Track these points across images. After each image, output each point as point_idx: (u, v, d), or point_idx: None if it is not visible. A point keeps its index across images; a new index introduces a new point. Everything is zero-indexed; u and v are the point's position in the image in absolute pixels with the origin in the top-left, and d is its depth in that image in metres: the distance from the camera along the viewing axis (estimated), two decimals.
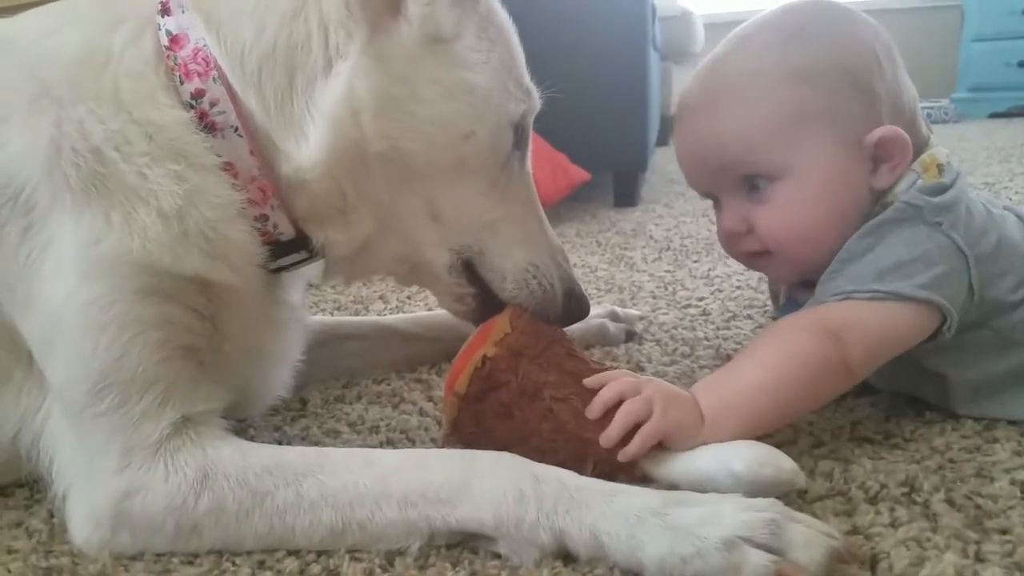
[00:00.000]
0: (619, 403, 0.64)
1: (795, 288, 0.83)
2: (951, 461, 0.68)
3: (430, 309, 1.15)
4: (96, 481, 0.59)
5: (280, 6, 0.64)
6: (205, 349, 0.64)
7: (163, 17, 0.64)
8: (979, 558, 0.54)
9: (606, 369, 0.70)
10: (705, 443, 0.63)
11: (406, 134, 0.65)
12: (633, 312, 1.12)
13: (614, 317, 1.07)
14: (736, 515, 0.52)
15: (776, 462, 0.60)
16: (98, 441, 0.59)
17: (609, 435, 0.62)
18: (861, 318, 0.69)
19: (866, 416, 0.77)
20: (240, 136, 0.63)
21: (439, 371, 0.96)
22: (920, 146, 0.76)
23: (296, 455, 0.61)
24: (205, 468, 0.58)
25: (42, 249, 0.61)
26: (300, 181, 0.65)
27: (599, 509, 0.55)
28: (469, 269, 0.74)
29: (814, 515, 0.58)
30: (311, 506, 0.57)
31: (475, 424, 0.68)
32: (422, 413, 0.84)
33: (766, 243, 0.77)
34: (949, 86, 4.83)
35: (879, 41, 0.77)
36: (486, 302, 0.74)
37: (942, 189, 0.72)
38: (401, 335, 0.98)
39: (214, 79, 0.63)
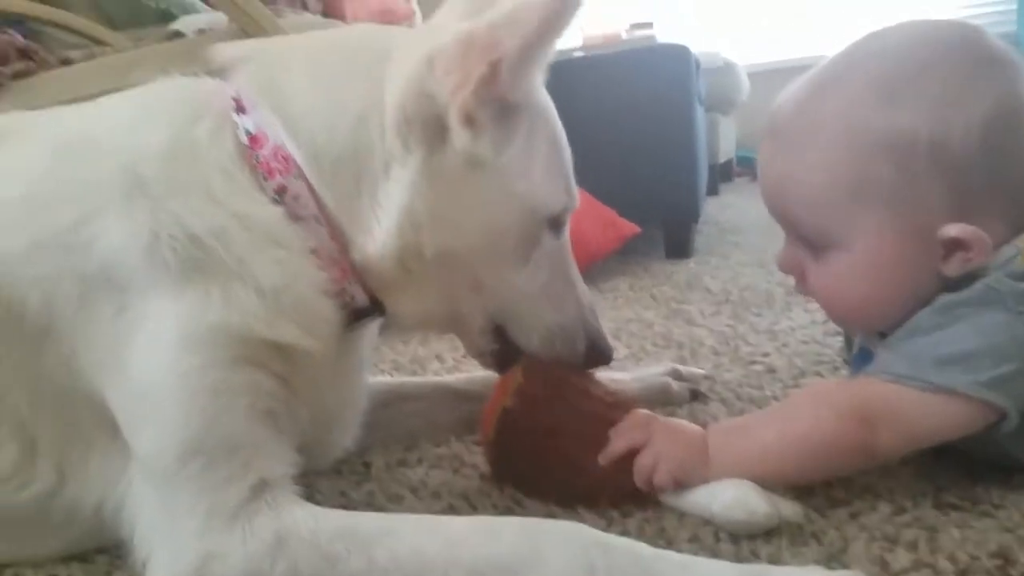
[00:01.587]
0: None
1: (869, 338, 0.79)
2: None
3: None
4: (178, 545, 0.60)
5: (349, 110, 0.70)
6: (282, 412, 0.66)
7: (239, 115, 0.69)
8: None
9: (619, 404, 0.79)
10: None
11: (453, 239, 0.72)
12: (697, 371, 1.10)
13: (676, 376, 1.05)
14: None
15: (749, 505, 0.65)
16: (182, 506, 0.60)
17: (623, 488, 0.72)
18: (903, 409, 0.66)
19: (951, 480, 0.73)
20: (321, 225, 0.68)
21: None
22: None
23: (366, 521, 0.61)
24: (281, 533, 0.59)
25: (136, 326, 0.63)
26: (369, 267, 0.70)
27: None
28: (499, 331, 0.79)
29: None
30: (382, 572, 0.57)
31: (508, 467, 0.80)
32: (482, 477, 0.83)
33: (817, 301, 0.76)
34: None
35: (997, 108, 0.67)
36: (508, 354, 0.80)
37: None
38: (459, 394, 0.98)
39: (295, 176, 0.68)
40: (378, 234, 0.70)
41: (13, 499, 0.67)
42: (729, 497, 0.68)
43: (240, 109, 0.69)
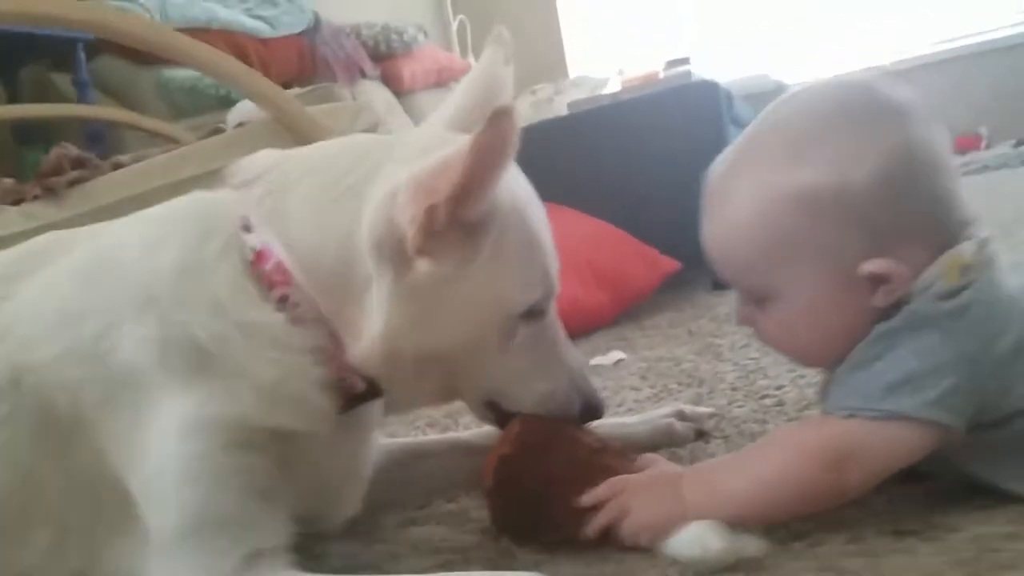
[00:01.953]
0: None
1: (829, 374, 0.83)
2: (988, 550, 0.67)
3: None
4: None
5: (335, 231, 0.78)
6: (277, 489, 0.75)
7: (246, 233, 0.79)
8: None
9: (609, 450, 0.86)
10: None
11: (432, 344, 0.79)
12: (703, 410, 1.14)
13: (681, 416, 1.10)
14: None
15: (704, 542, 0.69)
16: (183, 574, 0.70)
17: (590, 531, 0.79)
18: (865, 444, 0.70)
19: (915, 506, 0.76)
20: (320, 326, 0.78)
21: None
22: (949, 243, 0.73)
23: None
24: None
25: (150, 421, 0.74)
26: (361, 366, 0.79)
27: None
28: (493, 404, 0.87)
29: None
30: None
31: (507, 515, 0.87)
32: (483, 532, 0.90)
33: (770, 347, 0.82)
34: None
35: (892, 152, 0.72)
36: (508, 416, 0.88)
37: (955, 292, 0.70)
38: (472, 448, 1.04)
39: (295, 287, 0.77)
40: (365, 341, 0.77)
41: None
42: (686, 536, 0.73)
43: (247, 228, 0.79)
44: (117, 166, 1.50)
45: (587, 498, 0.80)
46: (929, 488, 0.79)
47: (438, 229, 0.73)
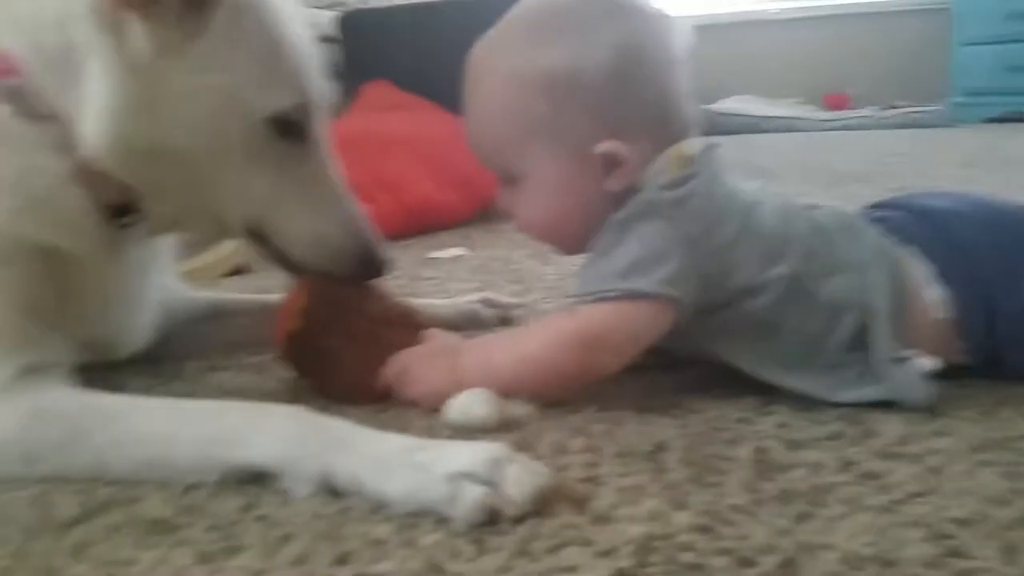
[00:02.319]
0: None
1: None
2: (715, 428, 0.77)
3: None
4: None
5: (51, 9, 0.75)
6: (50, 308, 0.77)
7: None
8: (680, 505, 0.62)
9: (394, 324, 0.89)
10: None
11: (164, 136, 0.75)
12: (509, 300, 1.22)
13: (488, 303, 1.17)
14: (463, 455, 0.63)
15: (468, 409, 0.75)
16: None
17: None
18: (610, 325, 0.79)
19: (663, 390, 0.86)
20: (56, 121, 0.74)
21: None
22: (676, 138, 0.82)
23: (114, 401, 0.73)
24: (39, 408, 0.71)
25: None
26: (96, 161, 0.75)
27: (360, 451, 0.66)
28: (259, 235, 0.84)
29: (562, 467, 0.69)
30: (123, 443, 0.69)
31: (298, 371, 0.91)
32: (280, 381, 0.95)
33: (522, 231, 0.88)
34: (944, 90, 4.87)
35: (623, 44, 0.79)
36: (283, 258, 0.86)
37: (678, 183, 0.79)
38: None
39: (26, 76, 0.74)
40: (89, 126, 0.73)
41: None
42: (456, 403, 0.79)
43: None
44: None
45: (389, 367, 0.85)
46: (684, 375, 0.89)
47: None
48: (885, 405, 0.77)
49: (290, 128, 0.79)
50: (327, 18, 2.85)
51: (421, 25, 2.53)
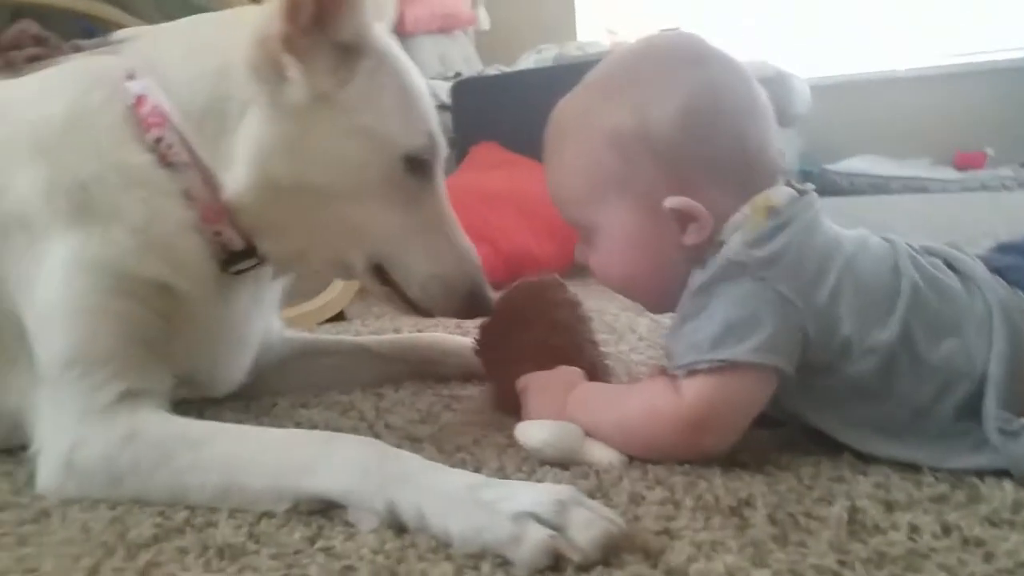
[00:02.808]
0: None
1: None
2: (807, 487, 0.72)
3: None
4: (56, 435, 0.75)
5: (208, 67, 0.83)
6: (157, 340, 0.81)
7: (128, 82, 0.84)
8: (760, 563, 0.58)
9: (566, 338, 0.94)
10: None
11: (307, 171, 0.82)
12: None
13: None
14: (530, 495, 0.61)
15: (532, 435, 0.78)
16: (63, 404, 0.76)
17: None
18: (712, 404, 0.73)
19: (757, 443, 0.81)
20: (191, 170, 0.82)
21: (398, 388, 1.09)
22: (760, 188, 0.78)
23: (200, 427, 0.76)
24: (133, 431, 0.73)
25: (40, 258, 0.79)
26: (237, 205, 0.82)
27: (424, 485, 0.65)
28: (380, 272, 0.89)
29: (637, 517, 0.65)
30: (202, 467, 0.71)
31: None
32: (361, 418, 0.96)
33: (602, 284, 0.87)
34: None
35: (695, 96, 0.77)
36: (403, 298, 0.91)
37: (766, 237, 0.74)
38: (373, 354, 1.11)
39: (168, 128, 0.81)
40: (238, 169, 0.81)
41: None
42: (532, 427, 0.80)
43: (130, 77, 0.84)
44: (76, 50, 1.52)
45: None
46: (775, 431, 0.84)
47: (305, 33, 0.78)
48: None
49: (420, 167, 0.86)
50: (444, 88, 2.98)
51: (527, 89, 2.59)
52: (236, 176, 0.81)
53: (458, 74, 3.42)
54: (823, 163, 4.74)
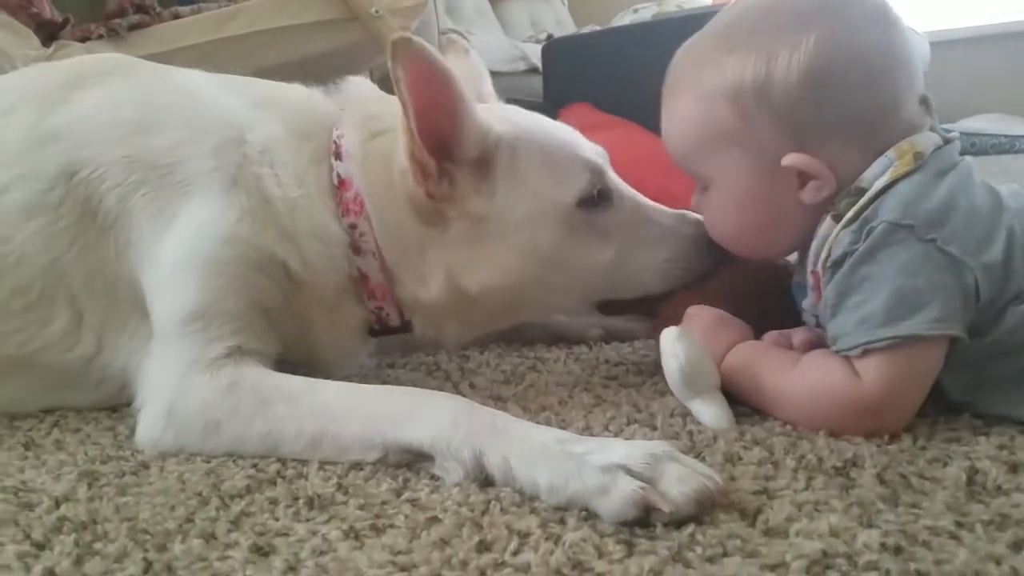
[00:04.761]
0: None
1: (798, 270, 0.82)
2: (920, 448, 0.67)
3: None
4: (162, 384, 0.77)
5: (396, 211, 0.86)
6: (275, 313, 0.84)
7: (336, 160, 0.88)
8: (867, 523, 0.54)
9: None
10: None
11: (490, 276, 0.86)
12: None
13: None
14: (621, 448, 0.59)
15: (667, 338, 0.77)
16: (173, 356, 0.78)
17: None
18: (891, 387, 0.68)
19: None
20: (376, 259, 0.87)
21: (483, 350, 1.09)
22: (892, 142, 0.72)
23: (298, 381, 0.77)
24: (234, 382, 0.75)
25: (189, 219, 0.83)
26: (421, 305, 0.88)
27: (512, 436, 0.64)
28: (603, 304, 0.94)
29: (734, 477, 0.62)
30: (298, 416, 0.72)
31: None
32: (447, 378, 0.96)
33: (714, 239, 0.84)
34: None
35: (820, 49, 0.72)
36: (640, 312, 0.97)
37: (926, 194, 0.69)
38: None
39: (364, 219, 0.86)
40: (431, 285, 0.86)
41: (62, 359, 0.86)
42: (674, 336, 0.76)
43: (338, 155, 0.88)
44: (175, 17, 1.57)
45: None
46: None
47: (433, 176, 0.82)
48: None
49: (591, 200, 0.87)
50: (535, 51, 2.93)
51: (618, 47, 2.51)
52: (428, 290, 0.86)
53: (549, 36, 3.35)
54: (942, 123, 4.44)
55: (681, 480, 0.56)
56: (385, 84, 0.88)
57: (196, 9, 1.63)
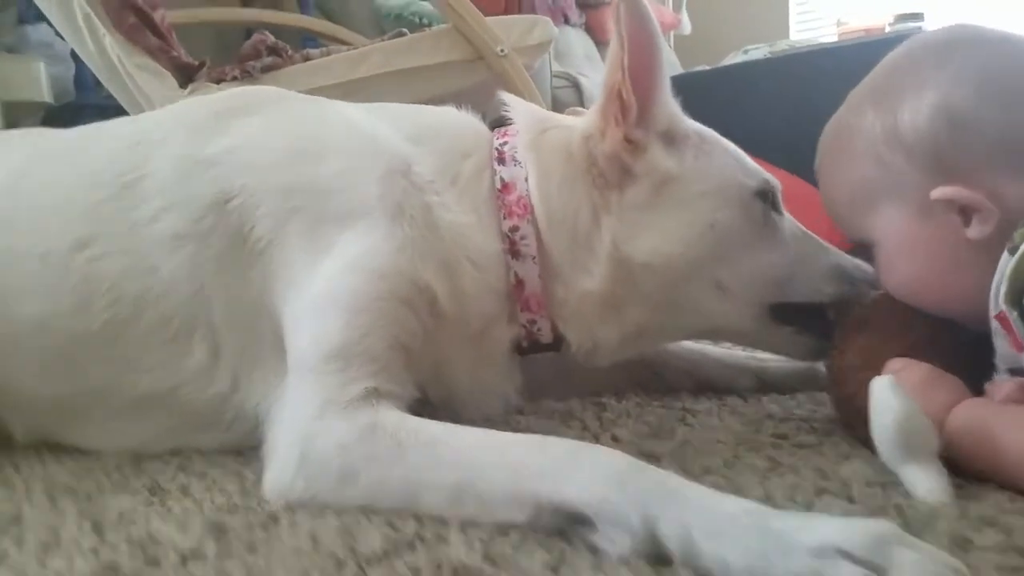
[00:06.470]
0: None
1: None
2: None
3: None
4: (296, 423, 0.72)
5: (571, 183, 0.86)
6: (414, 353, 0.78)
7: (499, 164, 0.87)
8: None
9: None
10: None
11: (662, 243, 0.84)
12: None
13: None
14: (835, 527, 0.49)
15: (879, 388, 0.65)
16: (308, 396, 0.72)
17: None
18: None
19: None
20: (535, 265, 0.84)
21: (621, 398, 1.00)
22: None
23: (437, 426, 0.69)
24: (372, 424, 0.69)
25: (344, 249, 0.78)
26: (579, 298, 0.85)
27: (694, 504, 0.54)
28: (776, 309, 0.88)
29: (971, 566, 0.50)
30: (439, 465, 0.65)
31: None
32: (584, 428, 0.88)
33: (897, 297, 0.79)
34: None
35: (953, 93, 0.70)
36: (810, 328, 0.88)
37: None
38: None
39: (528, 220, 0.84)
40: (596, 271, 0.84)
41: (196, 396, 0.83)
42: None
43: (501, 160, 0.87)
44: (307, 59, 1.59)
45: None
46: None
47: (632, 118, 0.82)
48: None
49: (771, 199, 0.88)
50: None
51: (733, 85, 2.41)
52: (593, 277, 0.84)
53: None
54: None
55: (918, 570, 0.45)
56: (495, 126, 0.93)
57: (325, 52, 1.65)
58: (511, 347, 0.87)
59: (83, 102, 2.41)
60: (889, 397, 0.64)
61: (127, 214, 0.84)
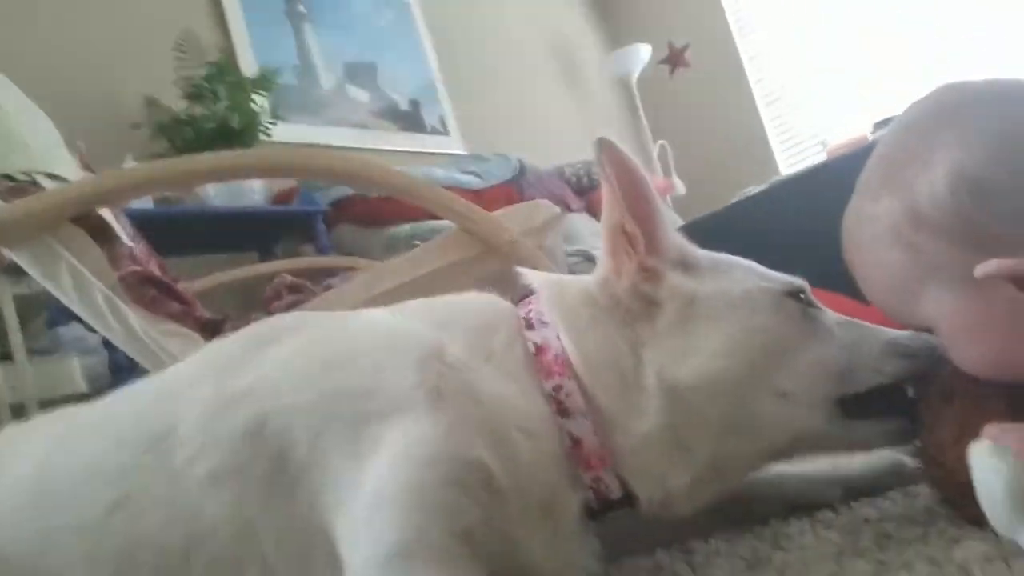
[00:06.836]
0: None
1: None
2: None
3: None
4: None
5: (602, 328, 0.86)
6: (477, 535, 0.72)
7: (529, 331, 0.87)
8: None
9: None
10: None
11: (706, 363, 0.82)
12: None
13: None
14: None
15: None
16: None
17: None
18: None
19: None
20: (586, 419, 0.81)
21: (706, 539, 0.92)
22: None
23: None
24: None
25: (391, 445, 0.74)
26: (640, 442, 0.82)
27: None
28: (847, 404, 0.83)
29: None
30: None
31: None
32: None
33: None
34: None
35: (964, 159, 0.67)
36: (888, 412, 0.84)
37: None
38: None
39: (569, 376, 0.83)
40: (649, 411, 0.81)
41: None
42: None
43: (529, 326, 0.87)
44: (327, 288, 1.65)
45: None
46: None
47: (641, 247, 0.84)
48: None
49: (800, 295, 0.87)
50: None
51: (754, 217, 2.45)
52: (648, 418, 0.82)
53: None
54: None
55: None
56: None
57: (346, 277, 1.72)
58: (580, 512, 0.81)
59: (118, 384, 2.48)
60: (993, 462, 0.60)
61: (162, 465, 0.81)
